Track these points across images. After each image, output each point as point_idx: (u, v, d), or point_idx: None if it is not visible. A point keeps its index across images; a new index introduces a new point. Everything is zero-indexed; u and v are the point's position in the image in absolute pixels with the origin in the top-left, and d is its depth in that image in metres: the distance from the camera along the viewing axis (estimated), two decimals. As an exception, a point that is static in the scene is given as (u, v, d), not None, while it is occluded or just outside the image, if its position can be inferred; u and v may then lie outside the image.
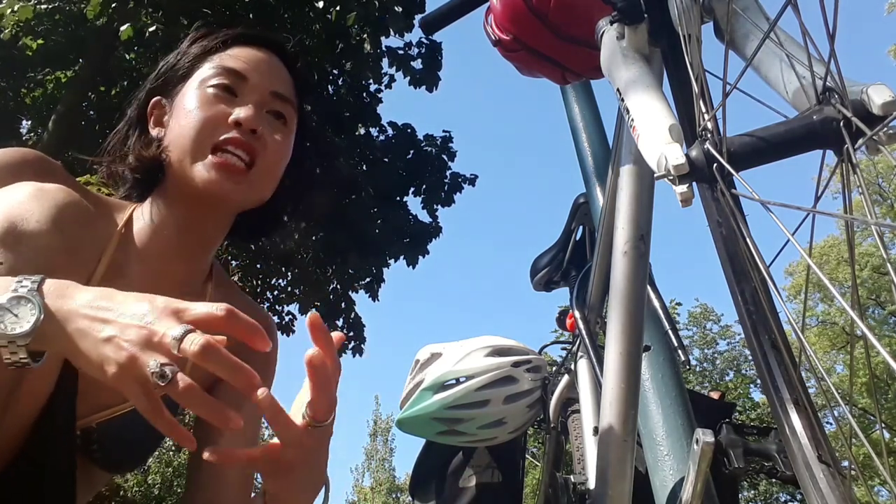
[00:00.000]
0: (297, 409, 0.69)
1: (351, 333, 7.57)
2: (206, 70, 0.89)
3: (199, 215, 0.87)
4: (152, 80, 0.94)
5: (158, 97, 0.92)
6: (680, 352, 1.11)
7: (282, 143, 0.89)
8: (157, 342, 0.57)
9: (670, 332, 1.15)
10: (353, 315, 7.58)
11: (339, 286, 7.50)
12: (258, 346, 0.62)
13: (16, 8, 5.37)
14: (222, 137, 0.83)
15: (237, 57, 0.90)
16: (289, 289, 7.64)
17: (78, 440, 0.79)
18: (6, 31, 5.46)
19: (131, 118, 0.93)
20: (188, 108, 0.86)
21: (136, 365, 0.57)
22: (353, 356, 7.53)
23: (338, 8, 5.97)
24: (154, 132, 0.90)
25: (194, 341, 0.56)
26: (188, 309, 0.60)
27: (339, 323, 7.53)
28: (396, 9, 6.03)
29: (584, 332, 1.39)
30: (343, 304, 7.53)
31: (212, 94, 0.86)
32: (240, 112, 0.84)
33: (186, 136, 0.84)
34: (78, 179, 0.88)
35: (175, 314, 0.59)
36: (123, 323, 0.58)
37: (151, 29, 5.13)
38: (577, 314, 1.43)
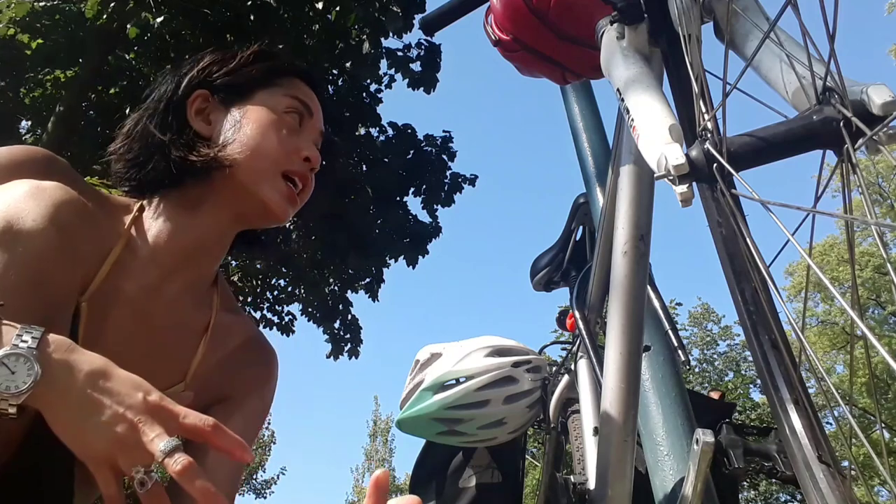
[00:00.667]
0: None
1: (347, 335, 7.56)
2: (280, 94, 0.93)
3: (234, 225, 0.90)
4: (198, 72, 0.93)
5: (205, 91, 0.92)
6: (680, 352, 1.10)
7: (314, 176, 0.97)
8: (145, 447, 0.58)
9: (670, 331, 1.15)
10: (349, 317, 7.57)
11: (337, 287, 7.49)
12: (240, 459, 0.63)
13: (11, 4, 5.37)
14: (293, 168, 0.90)
15: (304, 91, 0.96)
16: (289, 289, 7.64)
17: None
18: (1, 25, 5.44)
19: (170, 101, 0.91)
20: (264, 126, 0.89)
21: (118, 462, 0.59)
22: (349, 358, 7.52)
23: (338, 8, 5.97)
24: (197, 125, 0.89)
25: (178, 461, 0.57)
26: (179, 415, 0.62)
27: (336, 325, 7.52)
28: (394, 9, 6.02)
29: (584, 332, 1.39)
30: (340, 306, 7.52)
31: (288, 121, 0.92)
32: (311, 151, 0.92)
33: (264, 155, 0.88)
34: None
35: (168, 418, 0.61)
36: (117, 412, 0.59)
37: (160, 20, 5.12)
38: (577, 314, 1.44)
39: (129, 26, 5.00)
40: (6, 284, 0.66)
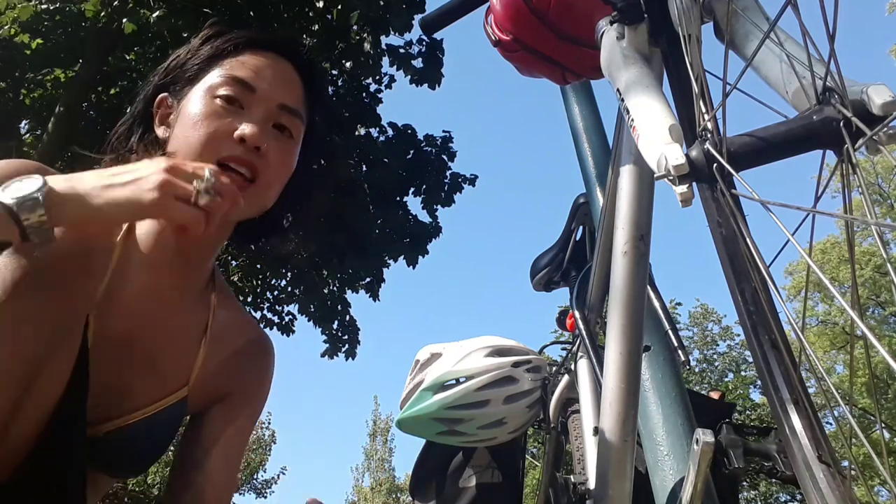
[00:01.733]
0: None
1: (345, 336, 7.55)
2: (215, 77, 0.87)
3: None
4: (160, 75, 0.92)
5: (165, 94, 0.90)
6: (680, 352, 1.10)
7: (285, 158, 0.88)
8: (193, 168, 0.70)
9: (670, 332, 1.14)
10: (347, 318, 7.57)
11: (336, 288, 7.49)
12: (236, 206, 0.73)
13: (16, 7, 5.37)
14: (226, 154, 0.82)
15: (247, 65, 0.88)
16: (288, 289, 7.63)
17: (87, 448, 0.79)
18: (4, 28, 5.45)
19: (136, 113, 0.92)
20: (194, 117, 0.84)
21: (175, 185, 0.68)
22: (346, 359, 7.52)
23: (339, 6, 5.96)
24: (159, 131, 0.89)
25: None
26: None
27: (335, 326, 7.52)
28: (399, 4, 6.01)
29: (584, 332, 1.39)
30: (339, 307, 7.52)
31: (218, 105, 0.84)
32: (244, 128, 0.83)
33: (191, 147, 0.82)
34: None
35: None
36: (143, 166, 0.68)
37: (156, 15, 5.11)
38: (576, 314, 1.43)
39: (125, 21, 4.99)
40: (22, 289, 0.66)
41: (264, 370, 1.01)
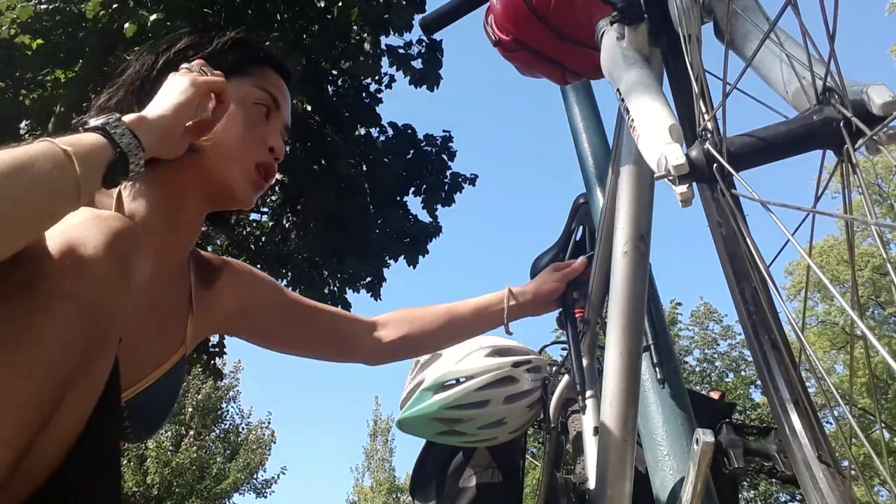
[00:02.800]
0: None
1: (345, 337, 7.53)
2: (251, 85, 0.97)
3: (202, 206, 0.95)
4: (174, 54, 0.96)
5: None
6: (657, 369, 1.11)
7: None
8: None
9: (652, 348, 1.14)
10: (348, 318, 7.56)
11: (336, 288, 7.49)
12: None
13: (16, 7, 5.37)
14: (262, 159, 0.95)
15: (275, 84, 1.00)
16: (288, 289, 7.63)
17: None
18: (3, 28, 5.44)
19: (142, 80, 0.94)
20: (244, 118, 0.94)
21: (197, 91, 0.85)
22: (347, 360, 7.51)
23: (339, 5, 5.96)
24: None
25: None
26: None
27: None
28: (401, 1, 6.00)
29: (570, 335, 1.38)
30: (339, 307, 7.52)
31: (258, 114, 0.96)
32: (276, 142, 0.97)
33: (236, 145, 0.93)
34: None
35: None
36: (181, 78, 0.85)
37: (153, 18, 5.11)
38: (567, 322, 1.43)
39: (126, 25, 4.99)
40: (66, 311, 0.65)
41: (237, 273, 1.12)
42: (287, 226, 6.62)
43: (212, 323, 1.07)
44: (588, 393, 1.36)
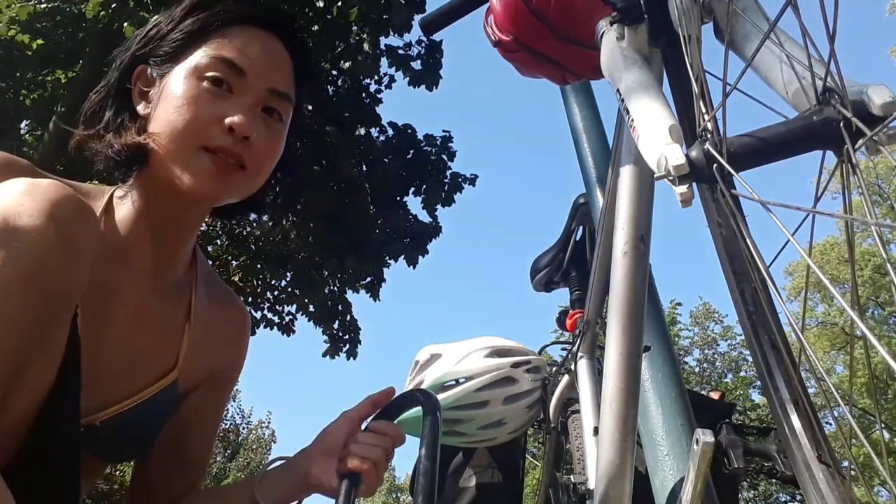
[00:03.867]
0: None
1: (346, 336, 7.56)
2: (202, 56, 0.82)
3: (182, 208, 0.86)
4: (139, 44, 0.87)
5: (145, 66, 0.86)
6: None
7: (273, 143, 0.86)
8: None
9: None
10: (349, 317, 7.58)
11: (336, 288, 7.49)
12: None
13: (14, 6, 5.37)
14: (215, 144, 0.80)
15: (236, 44, 0.83)
16: (289, 289, 7.64)
17: (82, 436, 0.79)
18: (1, 25, 5.44)
19: (111, 84, 0.88)
20: (179, 99, 0.80)
21: None
22: (347, 359, 7.53)
23: (339, 4, 5.96)
24: (139, 107, 0.85)
25: None
26: None
27: (336, 325, 7.52)
28: (400, 0, 6.00)
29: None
30: (340, 307, 7.52)
31: (205, 89, 0.81)
32: (234, 118, 0.80)
33: (176, 132, 0.80)
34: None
35: None
36: None
37: (153, 18, 5.12)
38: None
39: (126, 25, 4.99)
40: (3, 285, 0.64)
41: (243, 341, 1.03)
42: (287, 226, 6.61)
43: (205, 355, 0.95)
44: (588, 393, 1.37)
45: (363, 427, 0.91)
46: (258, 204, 0.98)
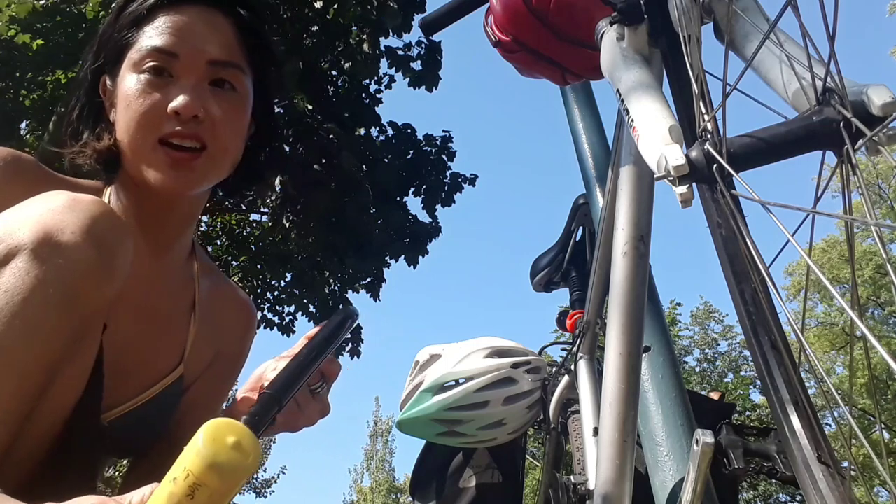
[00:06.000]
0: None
1: (349, 335, 7.55)
2: (136, 50, 0.82)
3: (163, 203, 0.85)
4: (93, 59, 0.88)
5: (104, 76, 0.87)
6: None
7: (232, 115, 0.84)
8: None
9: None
10: (351, 317, 7.58)
11: (337, 287, 7.50)
12: None
13: (12, 5, 5.37)
14: (166, 131, 0.79)
15: (164, 29, 0.82)
16: (288, 289, 7.65)
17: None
18: (1, 25, 5.44)
19: (81, 101, 0.89)
20: (126, 98, 0.81)
21: None
22: (351, 358, 7.54)
23: (336, 5, 5.97)
24: (111, 115, 0.86)
25: None
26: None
27: (337, 325, 7.52)
28: (392, 4, 6.02)
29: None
30: (341, 306, 7.52)
31: (145, 81, 0.80)
32: (176, 101, 0.78)
33: (131, 130, 0.80)
34: None
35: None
36: None
37: None
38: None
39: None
40: (42, 299, 0.64)
41: (247, 334, 1.03)
42: (287, 225, 6.62)
43: (209, 345, 0.95)
44: (588, 393, 1.36)
45: None
46: (252, 175, 0.96)
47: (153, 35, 0.82)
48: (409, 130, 7.44)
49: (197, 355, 0.92)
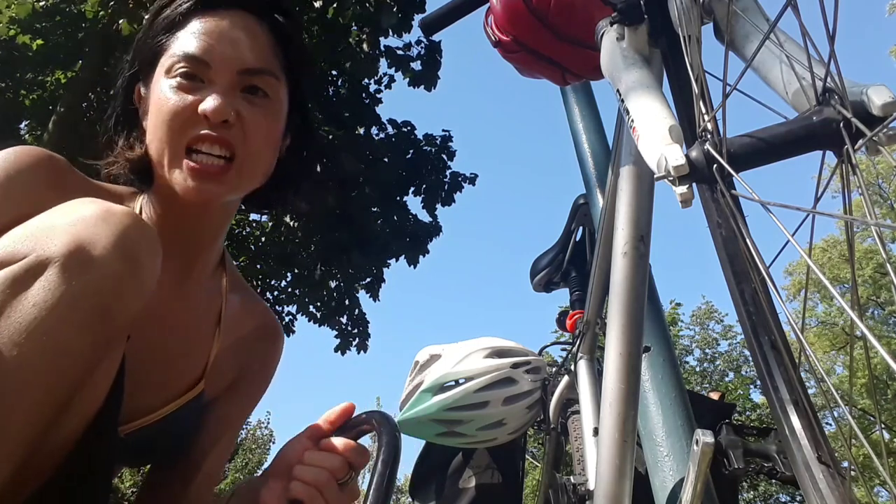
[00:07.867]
0: None
1: (356, 330, 7.58)
2: (169, 56, 0.81)
3: (193, 214, 0.84)
4: (129, 66, 0.87)
5: (138, 83, 0.86)
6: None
7: (264, 122, 0.82)
8: None
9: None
10: (357, 311, 7.60)
11: (341, 283, 7.51)
12: None
13: (12, 4, 5.38)
14: (192, 135, 0.77)
15: (197, 34, 0.80)
16: (289, 289, 7.65)
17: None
18: (1, 25, 5.45)
19: (117, 110, 0.88)
20: (156, 103, 0.79)
21: None
22: (358, 352, 7.55)
23: (335, 6, 5.98)
24: (144, 123, 0.85)
25: None
26: None
27: (344, 320, 7.55)
28: (389, 2, 6.03)
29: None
30: (347, 301, 7.54)
31: (176, 86, 0.79)
32: (206, 104, 0.77)
33: (159, 138, 0.79)
34: None
35: None
36: None
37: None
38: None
39: (120, 21, 4.98)
40: (71, 317, 0.62)
41: (272, 355, 1.00)
42: (294, 225, 6.62)
43: (231, 363, 0.93)
44: (588, 393, 1.36)
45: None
46: (285, 186, 0.93)
47: (186, 40, 0.80)
48: (408, 129, 7.45)
49: (219, 372, 0.90)
